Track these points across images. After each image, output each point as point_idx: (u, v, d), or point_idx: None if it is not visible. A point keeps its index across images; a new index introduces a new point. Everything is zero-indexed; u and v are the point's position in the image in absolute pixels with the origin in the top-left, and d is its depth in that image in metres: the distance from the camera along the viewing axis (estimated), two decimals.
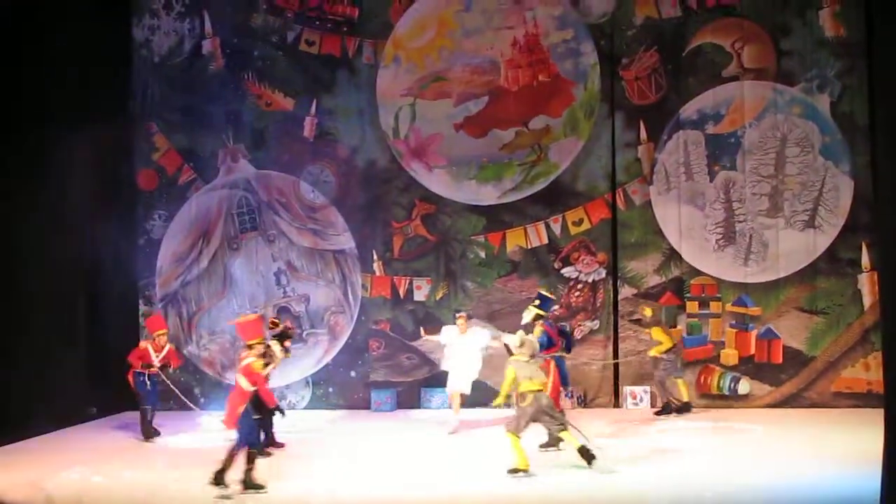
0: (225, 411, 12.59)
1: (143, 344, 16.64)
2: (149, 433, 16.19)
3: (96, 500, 12.46)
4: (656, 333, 16.99)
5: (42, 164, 16.96)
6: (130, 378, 16.28)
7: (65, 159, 17.41)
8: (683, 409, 16.92)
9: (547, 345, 14.83)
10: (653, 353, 17.00)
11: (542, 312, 15.18)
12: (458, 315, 16.57)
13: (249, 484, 12.30)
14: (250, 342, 12.81)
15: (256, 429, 12.82)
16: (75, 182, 17.75)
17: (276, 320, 16.31)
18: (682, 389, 17.14)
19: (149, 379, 16.19)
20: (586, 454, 12.74)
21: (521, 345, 13.22)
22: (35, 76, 16.75)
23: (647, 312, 17.26)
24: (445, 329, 16.57)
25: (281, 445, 15.19)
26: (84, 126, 17.69)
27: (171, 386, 16.70)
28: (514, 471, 12.74)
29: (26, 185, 16.62)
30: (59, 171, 17.36)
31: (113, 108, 18.68)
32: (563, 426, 13.01)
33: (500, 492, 12.33)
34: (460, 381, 16.08)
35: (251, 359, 12.63)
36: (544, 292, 15.89)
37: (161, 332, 16.53)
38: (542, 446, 14.09)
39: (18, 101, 16.41)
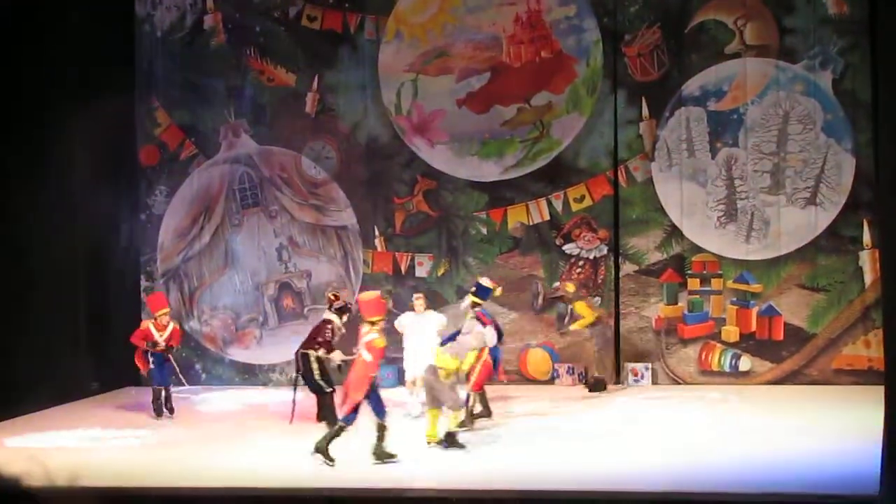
0: (350, 387, 12.64)
1: (144, 324, 16.63)
2: (159, 411, 16.15)
3: (95, 473, 12.49)
4: (579, 308, 17.08)
5: (43, 139, 16.95)
6: (138, 359, 16.27)
7: (66, 135, 17.40)
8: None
9: None
10: (574, 327, 17.16)
11: (478, 300, 15.17)
12: (415, 296, 16.19)
13: (382, 454, 12.55)
14: (372, 318, 12.94)
15: (383, 401, 12.92)
16: (77, 157, 17.74)
17: (337, 294, 16.13)
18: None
19: (154, 357, 16.16)
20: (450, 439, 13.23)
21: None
22: (36, 52, 16.74)
23: (569, 288, 17.35)
24: (401, 317, 16.07)
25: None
26: (86, 102, 17.69)
27: (175, 365, 16.66)
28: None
29: (28, 160, 16.62)
30: (61, 147, 17.35)
31: (115, 84, 18.64)
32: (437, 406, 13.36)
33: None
34: (417, 365, 15.57)
35: (373, 335, 12.76)
36: (483, 281, 15.81)
37: (163, 311, 16.48)
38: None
39: (19, 78, 16.39)
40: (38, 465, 11.85)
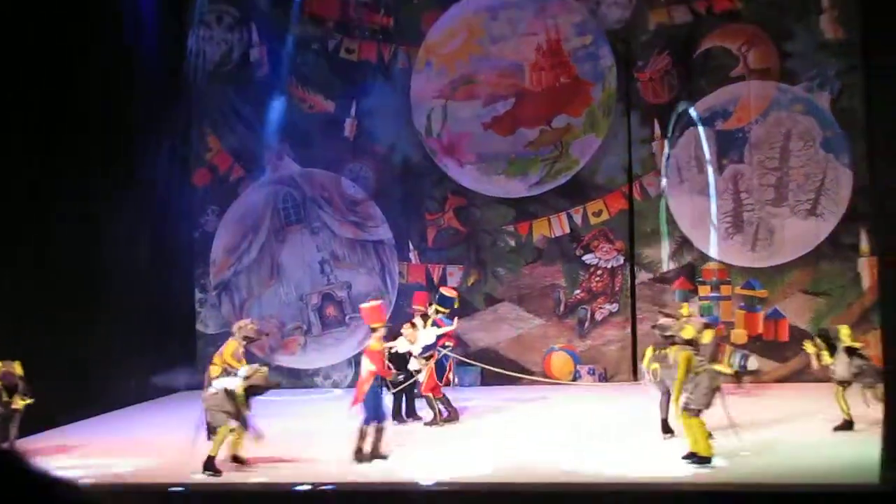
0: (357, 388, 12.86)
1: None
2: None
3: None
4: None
5: (110, 167, 17.10)
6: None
7: (128, 162, 17.56)
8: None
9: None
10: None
11: (441, 309, 15.36)
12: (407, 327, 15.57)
13: (377, 455, 12.57)
14: (374, 325, 13.04)
15: (382, 404, 13.02)
16: (138, 181, 17.87)
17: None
18: None
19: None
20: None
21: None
22: (103, 85, 16.90)
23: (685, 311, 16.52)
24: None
25: (419, 418, 15.32)
26: (145, 129, 17.87)
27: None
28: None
29: (100, 187, 16.82)
30: (126, 173, 17.50)
31: (170, 113, 18.77)
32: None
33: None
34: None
35: (371, 341, 12.89)
36: (444, 291, 15.95)
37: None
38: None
39: (87, 110, 16.59)
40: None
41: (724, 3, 18.08)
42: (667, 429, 13.23)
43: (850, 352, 13.49)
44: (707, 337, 14.82)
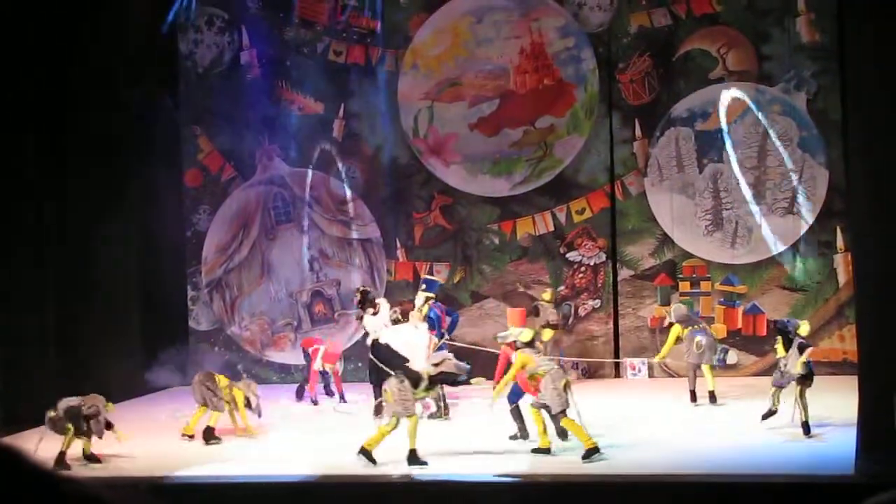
0: None
1: None
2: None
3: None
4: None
5: (102, 168, 17.19)
6: None
7: (121, 162, 17.65)
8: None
9: (436, 321, 15.21)
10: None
11: (430, 295, 15.42)
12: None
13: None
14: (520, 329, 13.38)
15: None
16: (130, 181, 17.99)
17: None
18: None
19: None
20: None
21: None
22: (94, 88, 17.00)
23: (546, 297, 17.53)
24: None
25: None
26: (137, 131, 17.98)
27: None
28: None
29: (93, 186, 16.92)
30: (117, 173, 17.60)
31: (162, 115, 18.88)
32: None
33: None
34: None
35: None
36: (429, 276, 16.08)
37: None
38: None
39: (78, 112, 16.68)
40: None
41: (703, 6, 18.20)
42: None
43: (803, 348, 13.43)
44: (547, 336, 15.19)
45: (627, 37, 18.53)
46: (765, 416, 13.34)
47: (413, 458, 11.97)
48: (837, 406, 13.69)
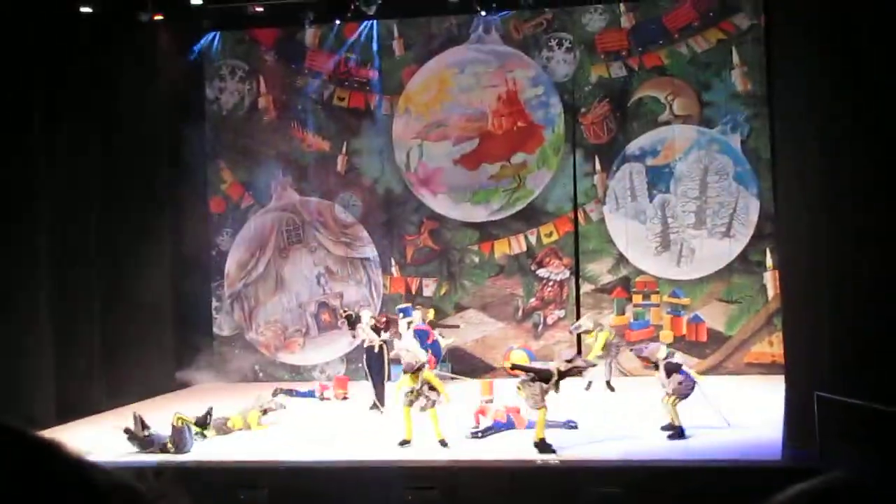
0: None
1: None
2: None
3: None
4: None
5: (142, 194, 17.26)
6: None
7: (155, 192, 17.70)
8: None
9: (424, 335, 15.63)
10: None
11: (410, 318, 15.73)
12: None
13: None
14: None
15: None
16: (164, 208, 18.03)
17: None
18: None
19: None
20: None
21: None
22: (138, 132, 17.18)
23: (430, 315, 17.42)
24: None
25: None
26: (169, 165, 18.03)
27: None
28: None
29: (133, 214, 17.03)
30: (153, 200, 17.64)
31: (191, 151, 18.91)
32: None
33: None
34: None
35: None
36: (402, 305, 16.54)
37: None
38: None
39: (121, 150, 16.76)
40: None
41: (653, 60, 18.28)
42: None
43: (669, 369, 13.06)
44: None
45: (589, 85, 18.57)
46: (664, 428, 12.80)
47: (543, 445, 11.78)
48: (767, 400, 13.72)
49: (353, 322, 15.95)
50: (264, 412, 14.29)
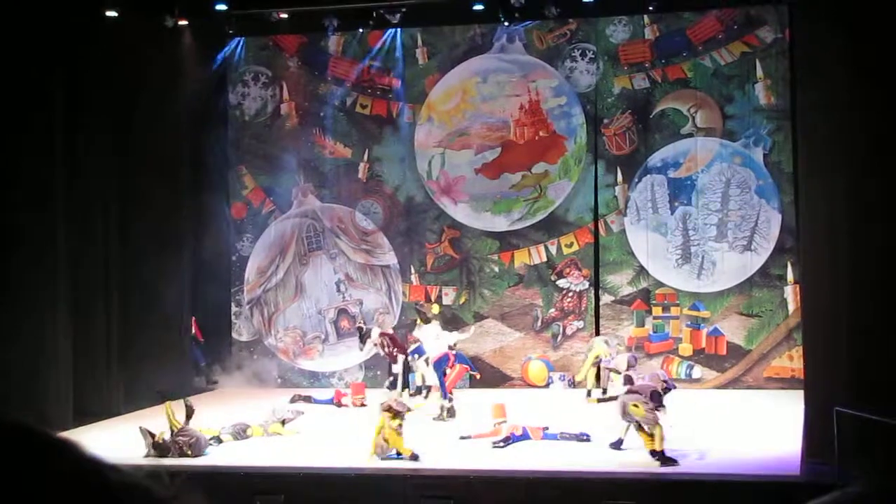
0: None
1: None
2: None
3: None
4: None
5: (165, 199, 17.34)
6: None
7: (178, 197, 17.79)
8: None
9: (444, 362, 15.40)
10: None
11: (426, 356, 15.85)
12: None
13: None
14: None
15: None
16: (186, 213, 18.11)
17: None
18: None
19: None
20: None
21: None
22: (163, 140, 17.31)
23: (435, 309, 17.75)
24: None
25: None
26: (192, 170, 18.10)
27: None
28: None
29: (154, 214, 17.09)
30: (176, 205, 17.71)
31: (214, 156, 19.01)
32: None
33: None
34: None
35: None
36: (412, 347, 16.44)
37: None
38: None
39: (145, 158, 16.87)
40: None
41: (676, 72, 18.26)
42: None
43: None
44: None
45: (611, 96, 18.56)
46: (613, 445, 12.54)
47: (663, 457, 11.65)
48: (787, 416, 13.65)
49: (363, 336, 16.37)
50: (283, 423, 14.28)
